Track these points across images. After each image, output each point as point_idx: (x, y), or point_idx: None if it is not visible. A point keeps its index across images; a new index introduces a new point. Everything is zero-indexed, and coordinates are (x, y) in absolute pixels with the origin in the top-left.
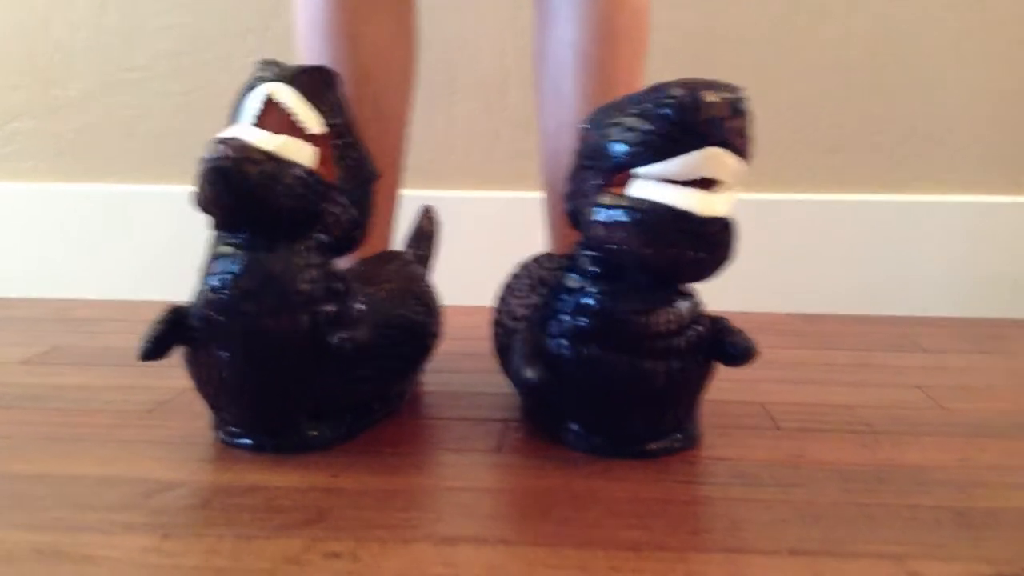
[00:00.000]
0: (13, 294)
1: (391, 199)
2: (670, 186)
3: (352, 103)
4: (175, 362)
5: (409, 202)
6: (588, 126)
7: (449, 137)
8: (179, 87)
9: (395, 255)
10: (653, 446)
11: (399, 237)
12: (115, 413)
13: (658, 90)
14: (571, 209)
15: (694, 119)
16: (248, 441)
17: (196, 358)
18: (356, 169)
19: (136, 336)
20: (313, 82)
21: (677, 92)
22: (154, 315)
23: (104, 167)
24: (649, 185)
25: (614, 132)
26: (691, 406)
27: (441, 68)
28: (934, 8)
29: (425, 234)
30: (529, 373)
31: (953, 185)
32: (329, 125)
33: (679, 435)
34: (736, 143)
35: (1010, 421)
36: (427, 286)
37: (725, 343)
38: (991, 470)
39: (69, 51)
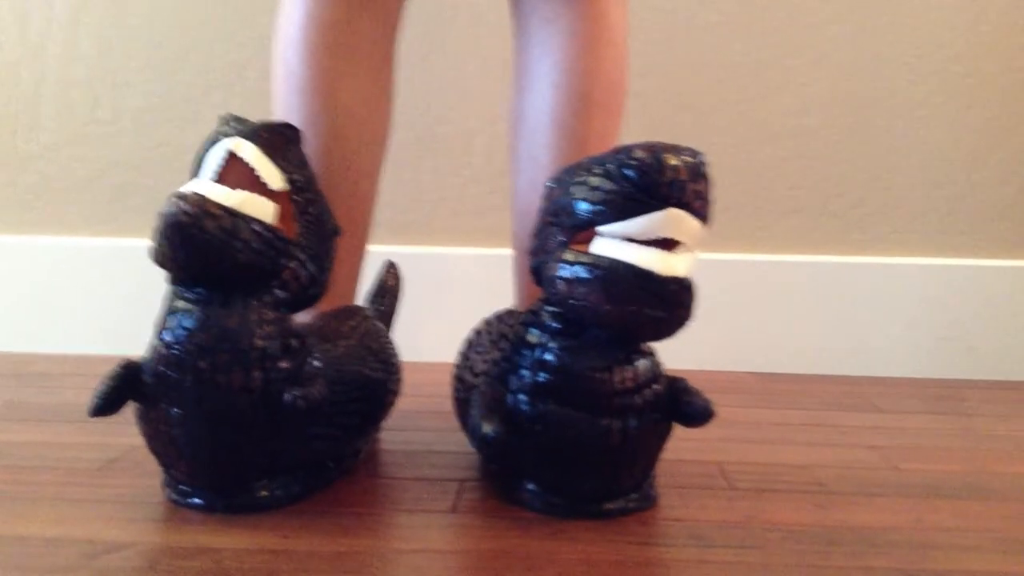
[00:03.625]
0: None
1: (357, 255)
2: (632, 245)
3: (323, 159)
4: (128, 418)
5: (373, 257)
6: (554, 184)
7: (415, 194)
8: (143, 142)
9: (355, 310)
10: (609, 506)
11: (361, 292)
12: (65, 471)
13: (622, 152)
14: (535, 265)
15: (656, 181)
16: (198, 500)
17: (148, 414)
18: (316, 225)
19: (90, 391)
20: (275, 138)
21: (640, 154)
22: (108, 371)
23: (66, 220)
24: (611, 243)
25: (579, 191)
26: (648, 466)
27: (408, 126)
28: (890, 77)
29: (388, 289)
30: (487, 428)
31: (909, 247)
32: (290, 181)
33: (635, 495)
34: (696, 205)
35: (963, 482)
36: (387, 342)
37: (682, 403)
38: (944, 532)
39: (35, 103)
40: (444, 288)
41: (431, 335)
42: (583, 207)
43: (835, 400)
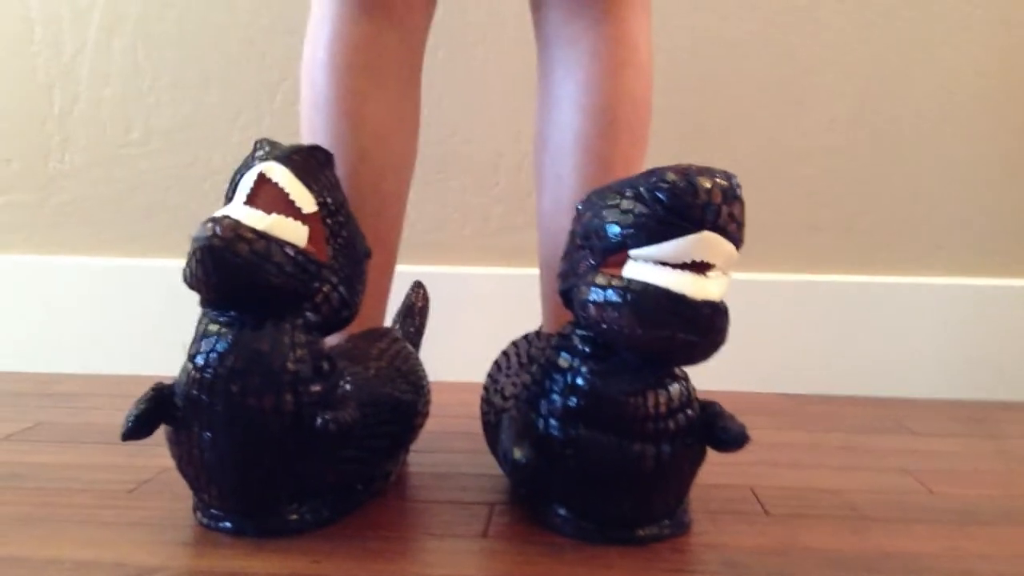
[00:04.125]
0: None
1: (386, 276)
2: (664, 268)
3: (351, 181)
4: (159, 440)
5: (401, 277)
6: (584, 207)
7: (442, 213)
8: (172, 162)
9: (384, 332)
10: (642, 532)
11: (389, 311)
12: (96, 493)
13: (654, 174)
14: (564, 288)
15: (690, 204)
16: (229, 524)
17: (178, 438)
18: (347, 248)
19: (120, 412)
20: (306, 161)
21: (673, 177)
22: (139, 391)
23: (95, 240)
24: (643, 267)
25: (610, 214)
26: (681, 491)
27: (435, 145)
28: (914, 94)
29: (415, 310)
30: (517, 453)
31: (938, 267)
32: (322, 204)
33: (668, 521)
34: (729, 228)
35: (998, 507)
36: (416, 364)
37: (716, 427)
38: (981, 559)
39: (67, 123)
40: (471, 308)
41: (458, 355)
42: (614, 230)
43: (867, 422)
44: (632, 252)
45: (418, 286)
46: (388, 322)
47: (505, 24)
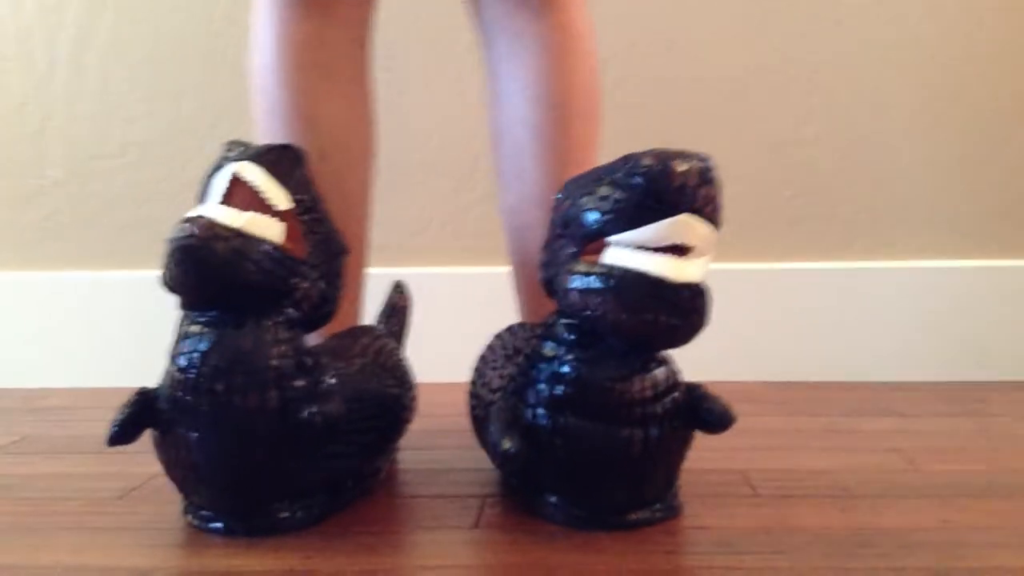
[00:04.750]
0: None
1: (357, 275)
2: (644, 253)
3: (313, 181)
4: (146, 447)
5: (383, 280)
6: (562, 196)
7: (422, 215)
8: (149, 176)
9: (366, 330)
10: (633, 516)
11: (371, 313)
12: (86, 501)
13: (630, 160)
14: (546, 278)
15: (666, 187)
16: (219, 525)
17: (165, 441)
18: (324, 244)
19: (105, 423)
20: (279, 159)
21: (648, 162)
22: (122, 402)
23: (74, 255)
24: (623, 252)
25: (587, 201)
26: (671, 475)
27: (414, 152)
28: (890, 85)
29: (397, 309)
30: (507, 444)
31: (919, 251)
32: (296, 201)
33: (659, 505)
34: (706, 210)
35: (987, 481)
36: (400, 360)
37: (702, 410)
38: (972, 530)
39: (42, 139)
40: (453, 308)
41: (442, 355)
42: (593, 217)
43: (853, 406)
44: (611, 238)
45: (399, 287)
46: (364, 319)
47: None
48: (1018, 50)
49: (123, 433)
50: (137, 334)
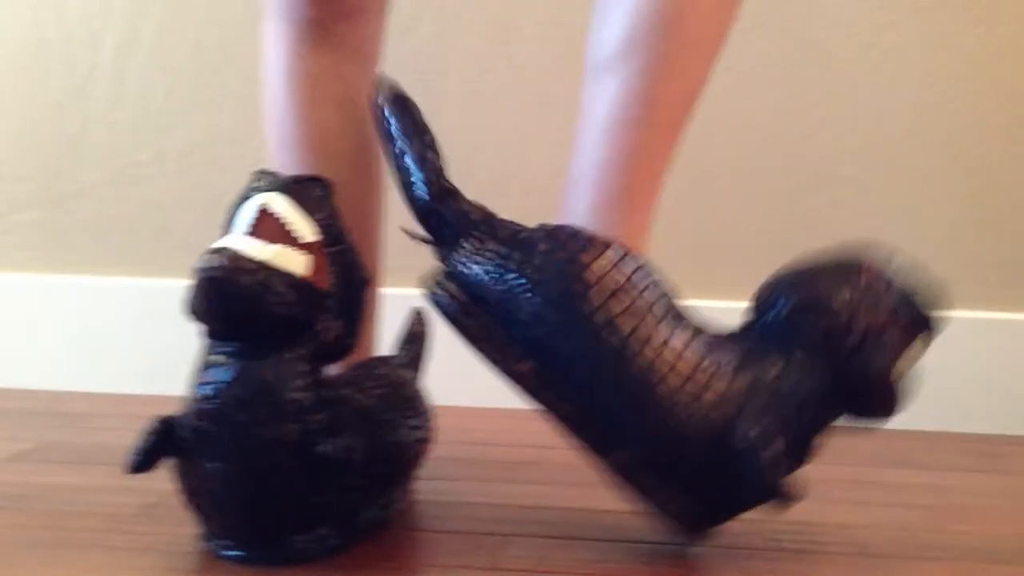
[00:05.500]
0: (5, 384)
1: (372, 304)
2: None
3: None
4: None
5: (407, 303)
6: None
7: None
8: (185, 184)
9: (384, 360)
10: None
11: (389, 336)
12: (103, 517)
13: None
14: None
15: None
16: (237, 553)
17: (185, 469)
18: (347, 276)
19: (127, 432)
20: (306, 191)
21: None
22: (146, 411)
23: (106, 260)
24: None
25: None
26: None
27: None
28: (884, 125)
29: (416, 336)
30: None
31: (954, 299)
32: (322, 233)
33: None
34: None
35: (1011, 546)
36: (417, 391)
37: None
38: None
39: (80, 143)
40: None
41: (462, 380)
42: None
43: (877, 455)
44: None
45: (419, 313)
46: (380, 347)
47: (516, 52)
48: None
49: (144, 462)
50: (165, 342)
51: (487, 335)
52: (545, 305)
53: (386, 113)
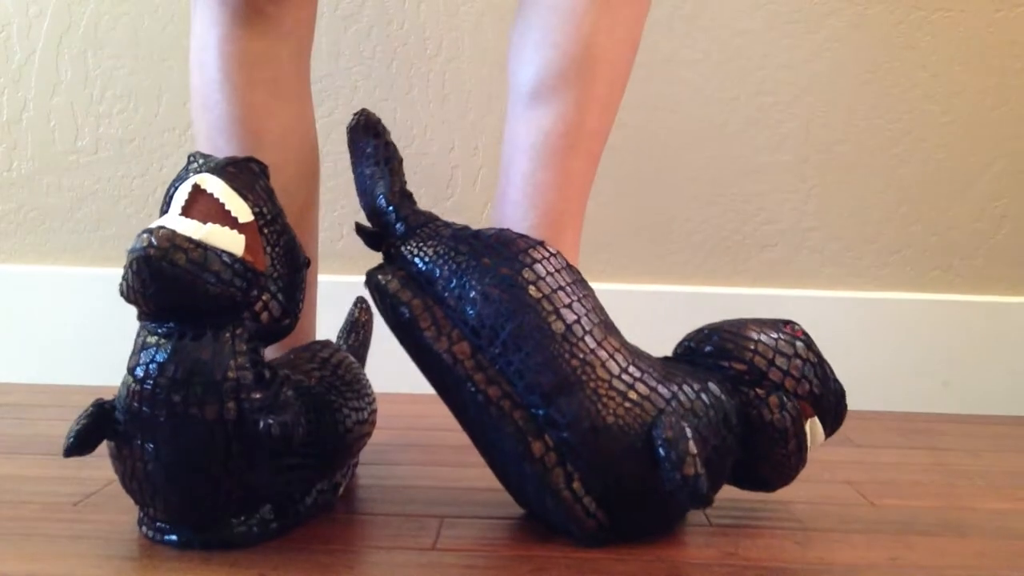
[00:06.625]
0: None
1: (312, 286)
2: None
3: None
4: (104, 451)
5: (352, 289)
6: None
7: None
8: (123, 172)
9: (326, 344)
10: None
11: (334, 324)
12: (41, 506)
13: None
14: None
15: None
16: (174, 537)
17: (121, 452)
18: (286, 257)
19: (67, 423)
20: (241, 172)
21: None
22: (86, 401)
23: (43, 249)
24: None
25: None
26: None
27: None
28: (864, 115)
29: (359, 324)
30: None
31: (885, 282)
32: (257, 213)
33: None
34: None
35: (938, 518)
36: (358, 374)
37: None
38: (921, 569)
39: (15, 131)
40: None
41: (405, 367)
42: None
43: None
44: None
45: (361, 301)
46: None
47: (463, 37)
48: (994, 89)
49: (80, 444)
50: (104, 332)
51: (429, 315)
52: (494, 286)
53: (359, 134)
